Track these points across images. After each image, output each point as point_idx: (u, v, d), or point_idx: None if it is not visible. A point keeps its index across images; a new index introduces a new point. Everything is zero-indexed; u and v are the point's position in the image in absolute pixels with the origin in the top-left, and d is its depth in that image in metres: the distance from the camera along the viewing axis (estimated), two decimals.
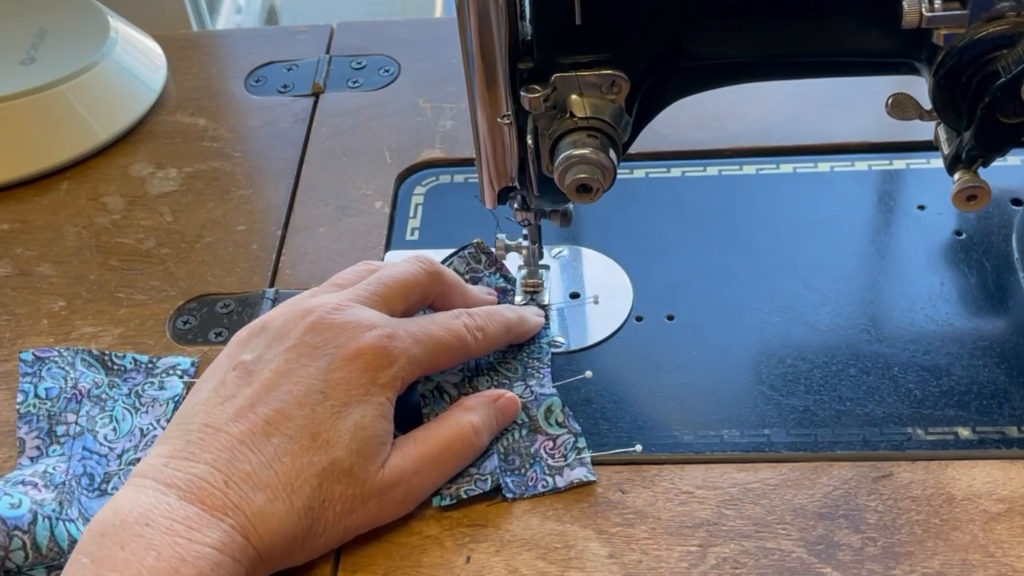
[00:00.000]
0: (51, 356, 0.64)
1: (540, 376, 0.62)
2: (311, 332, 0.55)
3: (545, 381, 0.62)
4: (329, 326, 0.55)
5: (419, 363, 0.57)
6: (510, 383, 0.62)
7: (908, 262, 0.68)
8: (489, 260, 0.67)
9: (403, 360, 0.56)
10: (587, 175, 0.54)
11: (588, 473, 0.58)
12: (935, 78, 0.53)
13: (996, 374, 0.61)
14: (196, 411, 0.54)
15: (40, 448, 0.60)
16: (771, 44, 0.56)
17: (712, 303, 0.66)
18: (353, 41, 0.89)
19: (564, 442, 0.59)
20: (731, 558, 0.54)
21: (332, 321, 0.55)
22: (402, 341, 0.56)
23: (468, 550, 0.55)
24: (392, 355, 0.55)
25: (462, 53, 0.54)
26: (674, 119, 0.62)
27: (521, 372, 0.63)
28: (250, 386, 0.54)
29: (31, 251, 0.74)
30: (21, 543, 0.53)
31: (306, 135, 0.81)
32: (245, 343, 0.57)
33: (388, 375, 0.55)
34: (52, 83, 0.79)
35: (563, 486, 0.58)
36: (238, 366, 0.55)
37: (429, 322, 0.58)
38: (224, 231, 0.74)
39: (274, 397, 0.53)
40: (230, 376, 0.55)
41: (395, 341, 0.55)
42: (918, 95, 0.56)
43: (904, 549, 0.54)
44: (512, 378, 0.62)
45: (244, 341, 0.57)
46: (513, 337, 0.63)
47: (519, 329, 0.63)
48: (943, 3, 0.51)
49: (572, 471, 0.58)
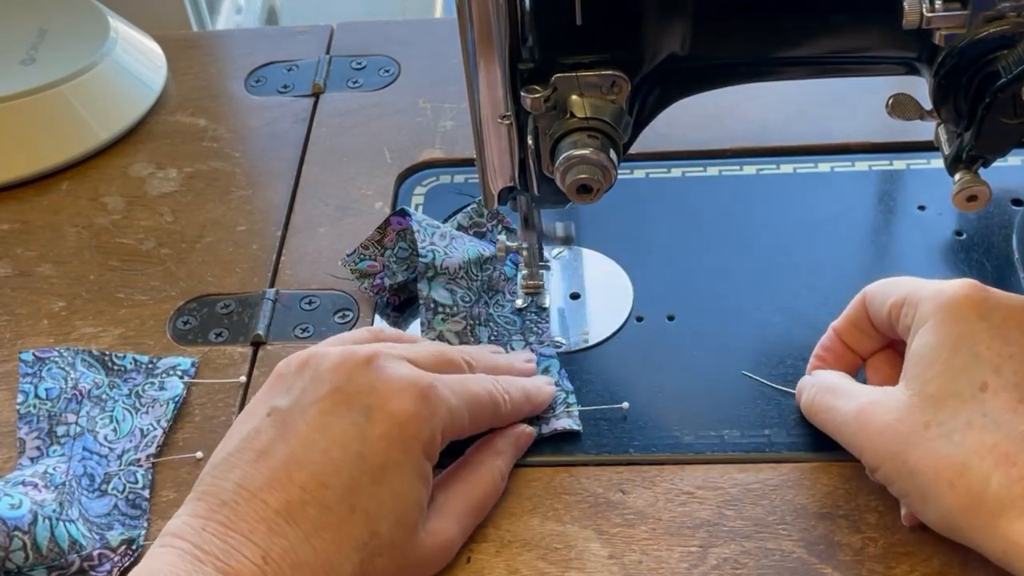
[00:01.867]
0: (51, 356, 0.64)
1: (539, 332, 0.63)
2: (347, 380, 0.52)
3: (544, 338, 0.63)
4: (366, 375, 0.53)
5: (458, 417, 0.54)
6: (508, 336, 0.63)
7: (908, 262, 0.68)
8: (491, 215, 0.67)
9: (444, 412, 0.53)
10: (587, 175, 0.54)
11: (574, 423, 0.59)
12: (935, 78, 0.53)
13: None
14: (231, 465, 0.51)
15: (40, 448, 0.60)
16: (771, 44, 0.56)
17: (712, 303, 0.66)
18: (353, 41, 0.89)
19: (555, 397, 0.61)
20: (731, 558, 0.54)
21: (370, 371, 0.53)
22: (441, 392, 0.53)
23: (468, 550, 0.55)
24: (432, 408, 0.53)
25: (462, 53, 0.54)
26: (674, 119, 0.62)
27: (519, 325, 0.64)
28: (285, 443, 0.51)
29: (31, 251, 0.74)
30: (21, 543, 0.53)
31: (306, 135, 0.81)
32: (284, 380, 0.54)
33: (428, 431, 0.52)
34: (52, 83, 0.79)
35: (547, 433, 0.59)
36: (273, 412, 0.53)
37: (464, 379, 0.56)
38: (224, 231, 0.74)
39: (310, 459, 0.51)
40: (264, 424, 0.52)
41: (435, 392, 0.53)
42: (918, 95, 0.56)
43: (904, 549, 0.54)
44: (511, 330, 0.63)
45: (284, 377, 0.54)
46: (532, 406, 0.60)
47: (537, 398, 0.60)
48: (943, 3, 0.51)
49: (558, 420, 0.59)
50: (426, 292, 0.64)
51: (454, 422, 0.54)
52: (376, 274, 0.68)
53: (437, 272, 0.65)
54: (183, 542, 0.49)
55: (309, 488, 0.50)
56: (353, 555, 0.50)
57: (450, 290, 0.64)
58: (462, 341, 0.63)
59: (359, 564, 0.50)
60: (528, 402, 0.59)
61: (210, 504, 0.50)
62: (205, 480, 0.52)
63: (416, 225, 0.66)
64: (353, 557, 0.50)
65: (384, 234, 0.68)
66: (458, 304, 0.64)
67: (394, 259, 0.68)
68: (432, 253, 0.65)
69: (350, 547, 0.50)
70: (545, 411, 0.60)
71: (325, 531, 0.50)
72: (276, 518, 0.50)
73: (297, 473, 0.50)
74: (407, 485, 0.52)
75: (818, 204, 0.72)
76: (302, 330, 0.67)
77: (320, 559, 0.49)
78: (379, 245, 0.68)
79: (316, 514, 0.50)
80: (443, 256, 0.65)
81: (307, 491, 0.50)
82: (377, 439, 0.51)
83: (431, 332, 0.63)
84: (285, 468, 0.51)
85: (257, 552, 0.49)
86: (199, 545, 0.49)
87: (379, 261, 0.68)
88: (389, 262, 0.68)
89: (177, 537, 0.49)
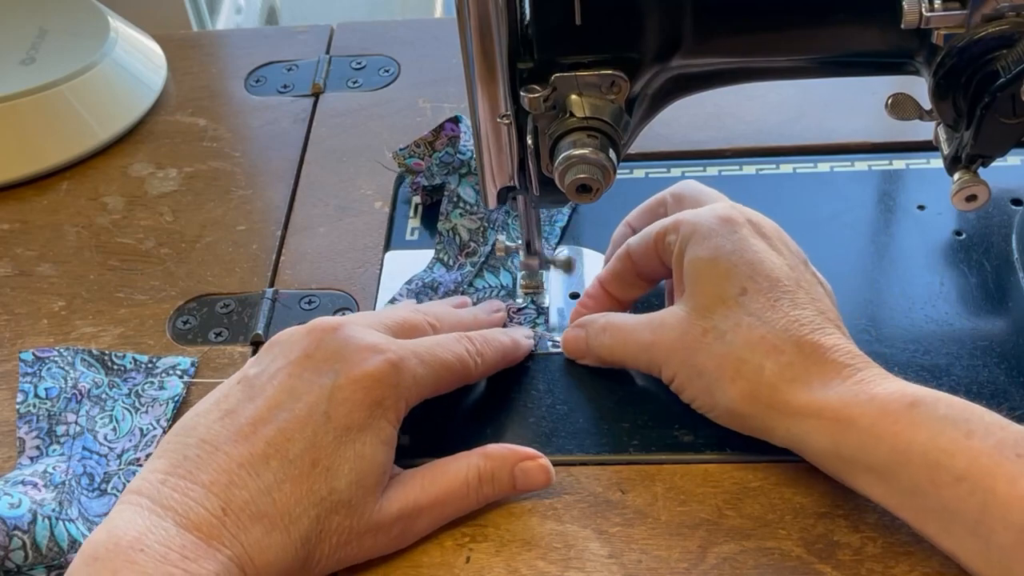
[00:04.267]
0: (51, 356, 0.64)
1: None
2: (316, 347, 0.54)
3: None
4: (333, 341, 0.54)
5: (424, 386, 0.56)
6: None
7: (908, 262, 0.68)
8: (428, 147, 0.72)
9: (409, 381, 0.55)
10: (587, 175, 0.54)
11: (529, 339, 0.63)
12: (935, 78, 0.53)
13: (996, 374, 0.61)
14: (196, 424, 0.53)
15: (40, 448, 0.60)
16: (771, 44, 0.56)
17: None
18: (353, 41, 0.89)
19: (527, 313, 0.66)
20: (731, 558, 0.54)
21: (336, 337, 0.54)
22: (408, 362, 0.55)
23: (468, 550, 0.55)
24: (398, 376, 0.54)
25: (462, 53, 0.54)
26: (674, 119, 0.62)
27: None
28: (252, 402, 0.53)
29: (31, 251, 0.74)
30: (21, 543, 0.53)
31: (306, 135, 0.81)
32: (256, 358, 0.56)
33: (393, 398, 0.54)
34: (52, 83, 0.79)
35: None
36: (242, 380, 0.54)
37: (434, 344, 0.58)
38: (224, 231, 0.74)
39: (276, 416, 0.52)
40: (233, 389, 0.54)
41: (401, 362, 0.54)
42: (918, 95, 0.56)
43: (903, 549, 0.54)
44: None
45: (253, 359, 0.56)
46: (507, 362, 0.62)
47: (513, 355, 0.62)
48: (943, 3, 0.51)
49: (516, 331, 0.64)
50: (454, 186, 0.70)
51: (419, 388, 0.56)
52: (419, 172, 0.73)
53: (470, 170, 0.70)
54: (142, 498, 0.50)
55: (274, 442, 0.51)
56: (311, 509, 0.51)
57: (476, 190, 0.69)
58: (472, 238, 0.69)
59: (315, 519, 0.51)
60: (504, 360, 0.62)
61: (171, 460, 0.51)
62: (169, 439, 0.53)
63: (464, 126, 0.71)
64: (311, 511, 0.51)
65: (437, 136, 0.72)
66: (479, 205, 0.69)
67: (438, 162, 0.72)
68: (471, 152, 0.70)
69: (309, 501, 0.51)
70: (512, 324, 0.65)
71: (286, 484, 0.51)
72: (239, 470, 0.51)
73: (262, 428, 0.52)
74: (369, 447, 0.53)
75: (818, 204, 0.72)
76: None
77: (279, 510, 0.50)
78: (429, 146, 0.72)
79: (278, 466, 0.51)
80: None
81: (271, 445, 0.51)
82: (342, 401, 0.53)
83: (447, 223, 0.68)
84: (251, 424, 0.52)
85: (217, 503, 0.50)
86: (158, 500, 0.50)
87: (425, 161, 0.72)
88: (432, 164, 0.72)
89: (136, 494, 0.50)
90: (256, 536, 0.50)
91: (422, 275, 0.68)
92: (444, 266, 0.68)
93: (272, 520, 0.50)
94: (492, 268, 0.69)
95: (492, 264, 0.69)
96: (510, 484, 0.56)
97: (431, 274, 0.68)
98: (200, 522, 0.49)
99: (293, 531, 0.51)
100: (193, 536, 0.49)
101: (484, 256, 0.69)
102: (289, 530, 0.50)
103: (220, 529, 0.49)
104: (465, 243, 0.69)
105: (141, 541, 0.48)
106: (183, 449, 0.52)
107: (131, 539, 0.48)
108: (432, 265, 0.69)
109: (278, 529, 0.50)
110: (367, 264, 0.71)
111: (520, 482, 0.56)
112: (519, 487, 0.57)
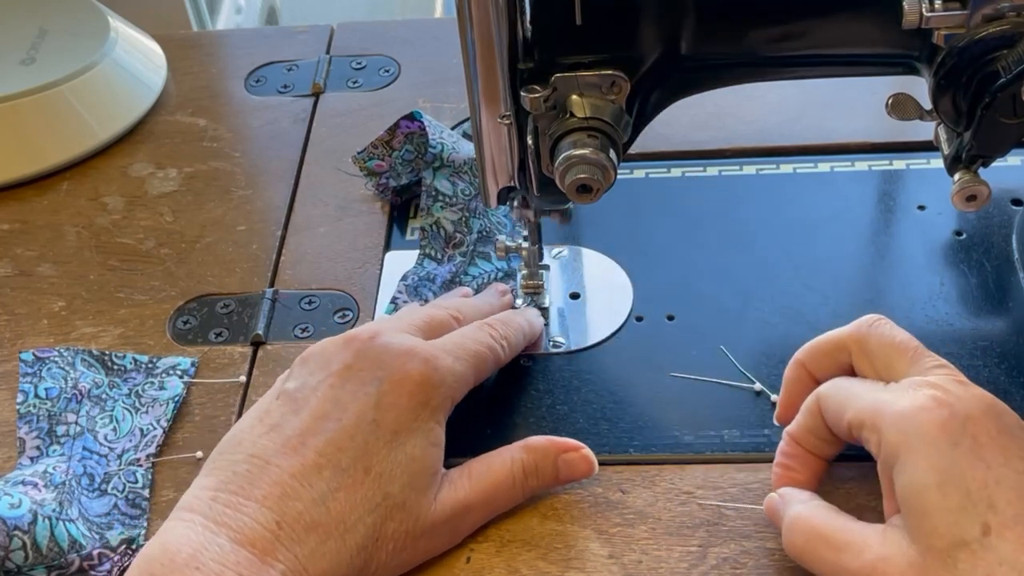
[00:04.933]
0: (51, 356, 0.64)
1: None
2: (356, 357, 0.54)
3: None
4: (372, 350, 0.54)
5: (465, 381, 0.56)
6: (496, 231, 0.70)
7: (908, 262, 0.68)
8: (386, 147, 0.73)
9: (450, 379, 0.55)
10: (587, 175, 0.54)
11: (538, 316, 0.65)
12: (935, 78, 0.53)
13: (996, 374, 0.61)
14: (241, 439, 0.52)
15: (40, 448, 0.60)
16: (771, 44, 0.56)
17: (712, 303, 0.66)
18: (353, 41, 0.89)
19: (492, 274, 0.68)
20: (731, 558, 0.54)
21: (374, 346, 0.54)
22: (444, 360, 0.55)
23: (468, 550, 0.55)
24: (439, 375, 0.54)
25: (462, 53, 0.54)
26: (674, 119, 0.62)
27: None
28: (296, 415, 0.52)
29: (31, 251, 0.74)
30: (21, 543, 0.53)
31: (306, 135, 0.81)
32: (290, 372, 0.56)
33: (438, 398, 0.54)
34: (52, 83, 0.79)
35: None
36: (281, 395, 0.54)
37: (461, 338, 0.58)
38: (224, 231, 0.74)
39: (324, 428, 0.52)
40: (274, 405, 0.53)
41: (439, 361, 0.55)
42: (918, 95, 0.56)
43: None
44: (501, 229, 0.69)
45: (289, 371, 0.56)
46: (527, 342, 0.63)
47: (532, 335, 0.63)
48: (943, 3, 0.51)
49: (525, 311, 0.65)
50: (429, 180, 0.70)
51: (460, 384, 0.56)
52: (383, 174, 0.73)
53: (443, 163, 0.71)
54: (194, 515, 0.49)
55: (325, 452, 0.51)
56: (367, 516, 0.51)
57: (452, 182, 0.70)
58: (456, 230, 0.69)
59: (371, 526, 0.51)
60: (525, 340, 0.63)
61: (220, 477, 0.51)
62: (215, 458, 0.52)
63: (427, 122, 0.72)
64: (367, 518, 0.51)
65: (393, 136, 0.73)
66: (458, 196, 0.70)
67: (400, 161, 0.73)
68: (441, 146, 0.71)
69: (364, 508, 0.51)
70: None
71: (340, 492, 0.50)
72: (291, 481, 0.50)
73: (311, 439, 0.51)
74: (420, 449, 0.53)
75: (818, 204, 0.72)
76: (302, 330, 0.67)
77: (334, 519, 0.50)
78: (387, 146, 0.73)
79: (331, 476, 0.51)
80: (450, 150, 0.71)
81: (323, 455, 0.51)
82: (389, 407, 0.53)
83: (429, 217, 0.69)
84: (299, 436, 0.52)
85: (271, 517, 0.49)
86: (211, 516, 0.49)
87: (386, 161, 0.73)
88: (395, 163, 0.72)
89: (188, 511, 0.50)
90: (311, 546, 0.49)
91: (415, 270, 0.68)
92: (433, 261, 0.68)
93: (327, 529, 0.50)
94: (482, 255, 0.69)
95: (481, 251, 0.69)
96: (553, 476, 0.56)
97: (423, 268, 0.68)
98: (255, 537, 0.49)
99: (349, 539, 0.50)
100: (247, 552, 0.48)
101: (472, 244, 0.69)
102: (344, 538, 0.50)
103: (275, 543, 0.49)
104: (450, 235, 0.69)
105: (196, 558, 0.47)
106: (231, 465, 0.51)
107: (186, 556, 0.47)
108: (420, 261, 0.69)
109: (333, 538, 0.50)
110: (367, 264, 0.71)
111: (564, 473, 0.56)
112: (562, 478, 0.57)
